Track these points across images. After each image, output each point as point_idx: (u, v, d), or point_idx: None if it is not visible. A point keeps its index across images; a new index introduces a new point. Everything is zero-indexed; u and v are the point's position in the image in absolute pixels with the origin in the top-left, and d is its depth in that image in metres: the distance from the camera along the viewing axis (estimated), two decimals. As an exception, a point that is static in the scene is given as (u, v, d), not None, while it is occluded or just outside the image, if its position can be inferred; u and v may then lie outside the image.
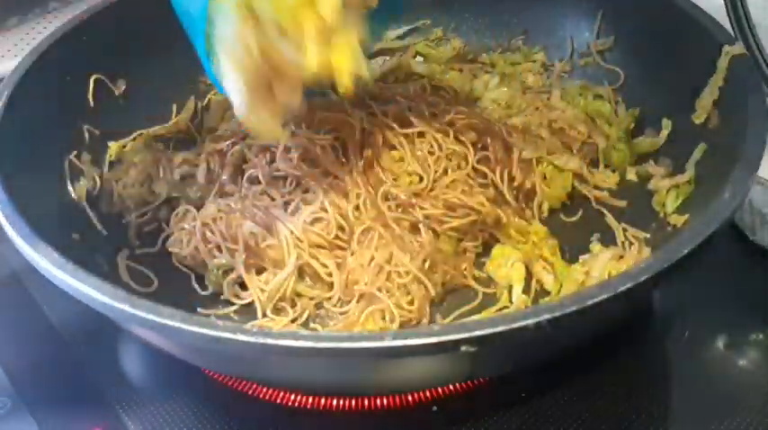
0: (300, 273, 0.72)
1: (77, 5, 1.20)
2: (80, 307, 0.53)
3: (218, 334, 0.47)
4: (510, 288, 0.73)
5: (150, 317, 0.49)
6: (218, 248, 0.73)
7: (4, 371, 0.71)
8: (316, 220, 0.73)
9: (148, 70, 0.86)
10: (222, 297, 0.74)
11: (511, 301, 0.72)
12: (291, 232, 0.72)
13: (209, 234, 0.74)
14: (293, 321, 0.70)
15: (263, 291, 0.71)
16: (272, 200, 0.75)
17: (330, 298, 0.72)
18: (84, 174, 0.76)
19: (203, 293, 0.74)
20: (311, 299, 0.72)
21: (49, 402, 0.69)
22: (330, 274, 0.72)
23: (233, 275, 0.72)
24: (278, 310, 0.71)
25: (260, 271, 0.73)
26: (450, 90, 0.91)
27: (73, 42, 0.79)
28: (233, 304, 0.73)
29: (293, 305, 0.71)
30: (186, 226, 0.76)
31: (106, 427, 0.66)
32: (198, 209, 0.77)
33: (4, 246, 0.80)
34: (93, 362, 0.72)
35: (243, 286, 0.73)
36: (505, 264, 0.73)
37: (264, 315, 0.71)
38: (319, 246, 0.72)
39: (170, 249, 0.76)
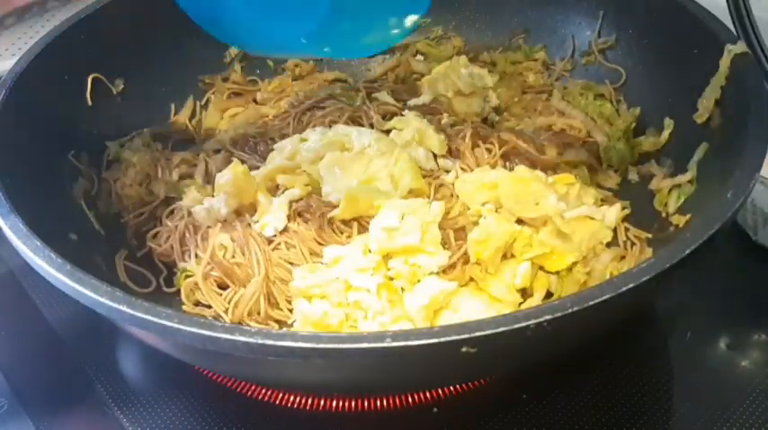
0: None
1: (75, 5, 1.19)
2: (78, 307, 0.52)
3: (217, 334, 0.47)
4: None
5: (148, 317, 0.49)
6: (190, 254, 0.74)
7: (1, 372, 0.71)
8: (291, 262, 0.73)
9: (147, 69, 0.86)
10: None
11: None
12: (264, 254, 0.72)
13: (187, 236, 0.75)
14: None
15: (226, 308, 0.70)
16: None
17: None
18: (82, 173, 0.76)
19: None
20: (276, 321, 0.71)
21: (47, 403, 0.69)
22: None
23: (192, 279, 0.72)
24: None
25: (222, 286, 0.72)
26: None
27: (71, 42, 0.78)
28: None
29: (264, 322, 0.70)
30: (170, 223, 0.77)
31: (103, 427, 0.66)
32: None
33: (1, 247, 0.80)
34: (90, 363, 0.72)
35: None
36: None
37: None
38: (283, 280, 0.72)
39: (149, 242, 0.76)
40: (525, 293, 0.71)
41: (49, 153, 0.73)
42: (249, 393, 0.69)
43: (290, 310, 0.70)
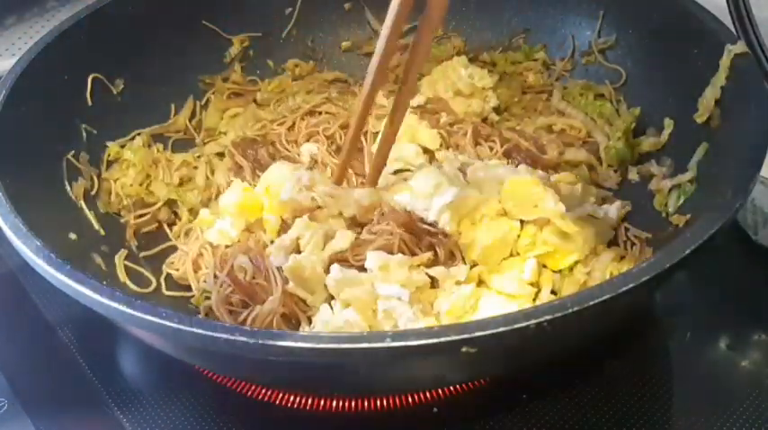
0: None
1: (75, 4, 1.19)
2: (78, 307, 0.52)
3: (217, 334, 0.47)
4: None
5: (148, 317, 0.49)
6: (208, 276, 0.72)
7: (1, 372, 0.71)
8: None
9: (146, 69, 0.86)
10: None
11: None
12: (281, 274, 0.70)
13: (206, 257, 0.74)
14: None
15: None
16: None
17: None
18: (82, 173, 0.76)
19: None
20: None
21: (47, 403, 0.69)
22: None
23: (209, 303, 0.70)
24: None
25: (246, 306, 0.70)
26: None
27: (71, 41, 0.78)
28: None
29: None
30: (185, 247, 0.76)
31: (103, 427, 0.66)
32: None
33: (1, 247, 0.80)
34: (90, 363, 0.72)
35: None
36: None
37: None
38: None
39: (166, 269, 0.75)
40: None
41: (48, 153, 0.73)
42: (249, 393, 0.69)
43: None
